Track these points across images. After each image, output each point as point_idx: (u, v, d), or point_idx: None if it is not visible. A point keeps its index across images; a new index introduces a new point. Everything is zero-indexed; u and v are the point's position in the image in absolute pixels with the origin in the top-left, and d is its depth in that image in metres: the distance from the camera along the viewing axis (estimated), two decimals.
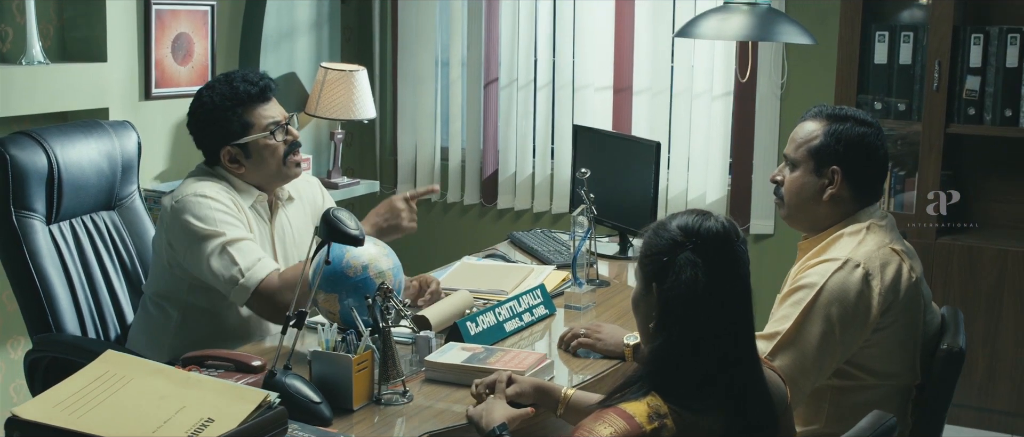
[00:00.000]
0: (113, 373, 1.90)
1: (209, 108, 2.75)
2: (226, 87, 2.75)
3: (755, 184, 4.75)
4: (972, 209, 4.30)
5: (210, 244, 2.63)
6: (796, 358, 2.26)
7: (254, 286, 2.61)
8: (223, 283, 2.63)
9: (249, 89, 2.74)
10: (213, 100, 2.75)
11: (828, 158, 2.40)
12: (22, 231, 2.84)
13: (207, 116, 2.76)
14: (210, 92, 2.77)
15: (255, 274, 2.61)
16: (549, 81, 5.05)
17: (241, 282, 2.60)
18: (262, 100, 2.76)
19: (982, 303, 4.02)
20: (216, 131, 2.76)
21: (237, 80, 2.75)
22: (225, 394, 1.86)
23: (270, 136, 2.76)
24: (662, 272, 1.82)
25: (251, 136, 2.75)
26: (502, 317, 2.71)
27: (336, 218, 2.21)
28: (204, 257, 2.63)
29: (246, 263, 2.62)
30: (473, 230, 5.32)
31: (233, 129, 2.74)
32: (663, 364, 1.79)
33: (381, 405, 2.24)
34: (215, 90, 2.76)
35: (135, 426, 1.76)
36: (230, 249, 2.63)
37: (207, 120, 2.76)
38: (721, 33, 3.02)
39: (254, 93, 2.75)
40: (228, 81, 2.76)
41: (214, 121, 2.75)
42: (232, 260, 2.62)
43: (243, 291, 2.61)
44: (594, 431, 1.73)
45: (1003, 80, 4.02)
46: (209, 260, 2.63)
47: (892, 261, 2.34)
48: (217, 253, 2.63)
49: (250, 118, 2.75)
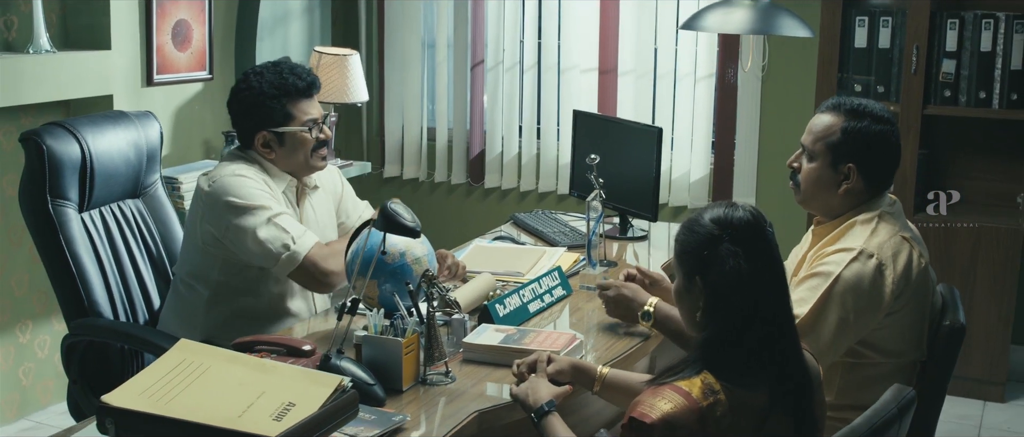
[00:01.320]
0: (190, 361, 2.01)
1: (256, 93, 2.86)
2: (275, 76, 2.86)
3: (737, 163, 4.92)
4: (945, 186, 4.50)
5: (257, 216, 2.74)
6: (812, 342, 2.40)
7: (305, 252, 2.73)
8: (273, 252, 2.73)
9: (297, 83, 2.86)
10: (260, 87, 2.86)
11: (845, 155, 2.51)
12: (58, 219, 2.92)
13: (252, 100, 2.86)
14: (259, 79, 2.87)
15: (305, 242, 2.74)
16: (535, 63, 5.18)
17: (294, 248, 2.73)
18: (306, 95, 2.88)
19: (956, 276, 4.23)
20: (257, 115, 2.87)
21: (286, 72, 2.86)
22: (301, 379, 1.98)
23: (306, 130, 2.87)
24: (704, 265, 1.96)
25: (289, 127, 2.86)
26: (526, 298, 2.84)
27: (393, 211, 2.33)
28: (250, 230, 2.74)
29: (296, 232, 2.75)
30: (461, 209, 5.45)
31: (274, 117, 2.85)
32: (715, 348, 1.94)
33: (427, 385, 2.37)
34: (264, 77, 2.87)
35: (221, 411, 1.87)
36: (277, 221, 2.75)
37: (251, 103, 2.87)
38: (724, 26, 3.18)
39: (301, 87, 2.86)
40: (277, 71, 2.87)
41: (258, 106, 2.86)
42: (283, 229, 2.74)
43: (293, 259, 2.73)
44: (655, 406, 1.87)
45: (977, 63, 4.21)
46: (256, 231, 2.73)
47: (903, 250, 2.48)
48: (264, 224, 2.74)
49: (292, 110, 2.86)
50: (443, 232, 5.14)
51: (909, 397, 2.13)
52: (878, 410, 2.06)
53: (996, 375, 4.30)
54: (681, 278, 2.04)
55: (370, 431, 2.07)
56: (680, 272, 2.04)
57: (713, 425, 1.88)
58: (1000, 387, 4.34)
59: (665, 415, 1.86)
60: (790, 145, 4.72)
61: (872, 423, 2.00)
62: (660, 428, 1.86)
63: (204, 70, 4.52)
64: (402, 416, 2.16)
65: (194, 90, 4.54)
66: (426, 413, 2.25)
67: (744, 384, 1.91)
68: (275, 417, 1.87)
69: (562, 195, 5.22)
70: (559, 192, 5.23)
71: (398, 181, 5.52)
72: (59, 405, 4.18)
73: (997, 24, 4.17)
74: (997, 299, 4.23)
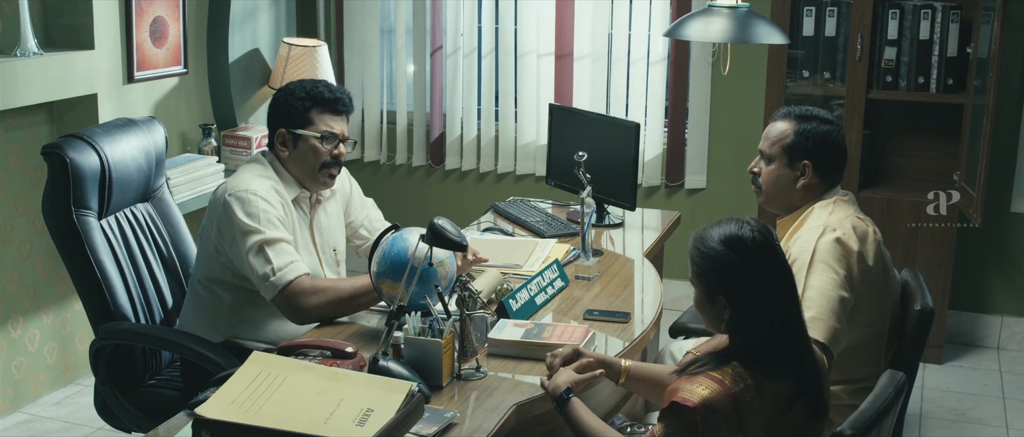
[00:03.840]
0: (267, 372, 2.18)
1: (287, 93, 3.07)
2: (310, 84, 3.08)
3: (689, 143, 5.19)
4: (886, 164, 4.84)
5: (250, 240, 2.90)
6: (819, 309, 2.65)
7: (282, 286, 2.89)
8: (256, 277, 2.90)
9: (324, 93, 3.04)
10: (294, 89, 3.07)
11: (799, 154, 2.89)
12: (82, 229, 3.04)
13: (283, 99, 3.08)
14: (297, 83, 3.09)
15: (285, 275, 2.89)
16: (493, 48, 5.36)
17: (271, 280, 2.88)
18: (331, 110, 3.04)
19: (900, 247, 4.56)
20: (282, 112, 3.07)
21: (321, 85, 3.07)
22: (374, 386, 2.18)
23: (319, 140, 3.03)
24: (725, 289, 2.21)
25: (305, 131, 3.02)
26: (532, 292, 3.06)
27: (441, 227, 2.53)
28: (244, 251, 2.90)
29: (279, 263, 2.89)
30: (421, 189, 5.63)
31: (295, 118, 3.04)
32: (742, 349, 2.19)
33: (461, 380, 2.58)
34: (302, 84, 3.08)
35: (307, 418, 2.05)
36: (267, 249, 2.90)
37: (281, 101, 3.08)
38: (705, 35, 3.41)
39: (328, 98, 3.04)
40: (314, 82, 3.09)
41: (285, 104, 3.06)
42: (267, 259, 2.89)
43: (272, 288, 2.89)
44: (694, 391, 2.12)
45: (916, 51, 4.53)
46: (247, 254, 2.90)
47: (859, 225, 2.83)
48: (255, 250, 2.90)
49: (313, 117, 3.04)
50: (404, 213, 5.33)
51: (901, 381, 2.42)
52: (879, 395, 2.35)
53: (935, 339, 4.65)
54: (702, 294, 2.26)
55: (428, 428, 2.27)
56: (700, 289, 2.26)
57: (744, 408, 2.13)
58: (938, 349, 4.70)
59: (704, 399, 2.11)
60: (740, 126, 5.07)
61: (876, 407, 2.29)
62: (701, 410, 2.11)
63: (179, 65, 4.62)
64: (453, 412, 2.36)
65: (170, 85, 4.63)
66: (469, 407, 2.46)
67: (768, 374, 2.16)
68: (358, 423, 2.06)
69: (521, 175, 5.43)
70: (517, 172, 5.44)
71: (359, 163, 5.67)
72: (50, 396, 4.29)
73: (934, 14, 4.48)
74: (935, 268, 4.58)
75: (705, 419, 2.11)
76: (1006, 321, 4.91)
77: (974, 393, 4.47)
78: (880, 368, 2.90)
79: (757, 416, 2.14)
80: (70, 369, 4.39)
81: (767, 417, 2.16)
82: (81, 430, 4.04)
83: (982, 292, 4.93)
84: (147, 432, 3.15)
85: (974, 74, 4.41)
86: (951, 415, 4.27)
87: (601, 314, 3.00)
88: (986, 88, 4.14)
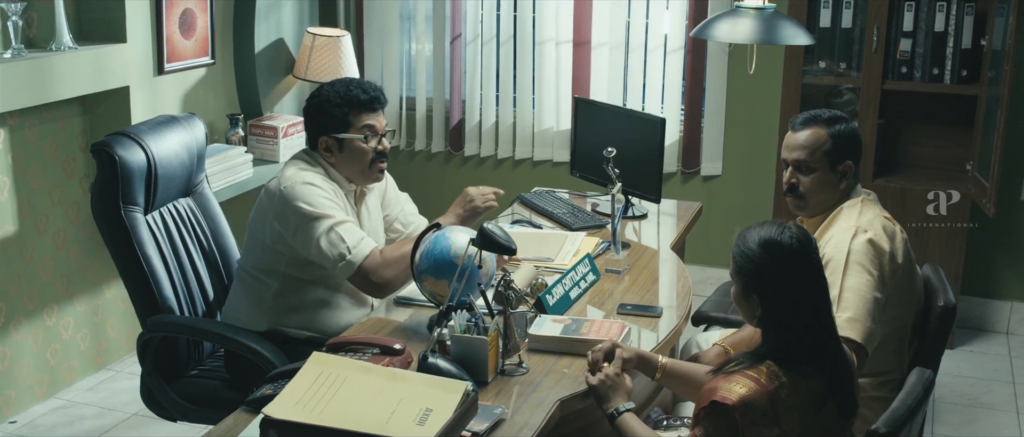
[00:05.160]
0: (328, 373, 2.28)
1: (323, 99, 3.13)
2: (342, 88, 3.13)
3: (705, 130, 5.28)
4: (900, 153, 4.94)
5: (320, 225, 3.00)
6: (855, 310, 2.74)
7: (359, 262, 3.00)
8: (331, 259, 3.00)
9: (359, 95, 3.11)
10: (328, 95, 3.13)
11: (840, 156, 2.95)
12: (130, 225, 3.13)
13: (319, 106, 3.14)
14: (329, 88, 3.14)
15: (360, 252, 3.01)
16: (511, 36, 5.44)
17: (348, 258, 2.99)
18: (368, 109, 3.12)
19: (912, 234, 4.62)
20: (321, 120, 3.13)
21: (354, 86, 3.13)
22: (432, 386, 2.27)
23: (363, 139, 3.12)
24: (760, 288, 2.32)
25: (347, 134, 3.11)
26: (567, 287, 3.16)
27: (491, 232, 2.63)
28: (314, 237, 3.00)
29: (352, 242, 3.01)
30: (440, 175, 5.72)
31: (335, 123, 3.11)
32: (775, 348, 2.29)
33: (505, 376, 2.68)
34: (333, 88, 3.14)
35: (369, 418, 2.15)
36: (338, 230, 3.01)
37: (318, 109, 3.14)
38: (732, 36, 3.50)
39: (363, 99, 3.11)
40: (346, 84, 3.14)
41: (322, 112, 3.12)
42: (340, 238, 3.00)
43: (349, 267, 3.00)
44: (732, 390, 2.23)
45: (931, 42, 4.61)
46: (318, 240, 3.00)
47: (888, 225, 2.91)
48: (325, 233, 3.00)
49: (352, 119, 3.11)
50: (423, 197, 5.40)
51: (930, 379, 2.53)
52: (909, 392, 2.46)
53: None
54: (739, 289, 2.37)
55: (480, 425, 2.37)
56: (738, 283, 2.37)
57: (780, 405, 2.24)
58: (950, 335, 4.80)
59: (742, 397, 2.22)
60: (756, 115, 5.14)
61: (908, 404, 2.40)
62: (739, 408, 2.21)
63: (207, 55, 4.69)
64: (501, 408, 2.46)
65: (198, 76, 4.71)
66: (515, 403, 2.56)
67: (802, 373, 2.26)
68: (418, 422, 2.16)
69: (538, 161, 5.52)
70: (535, 159, 5.53)
71: None
72: (84, 381, 4.40)
73: (949, 6, 4.56)
74: (947, 255, 4.68)
75: (744, 416, 2.22)
76: (1016, 306, 5.03)
77: (985, 378, 4.58)
78: (904, 361, 3.01)
79: (792, 412, 2.25)
80: (102, 355, 4.50)
81: (802, 414, 2.26)
82: (115, 415, 4.15)
83: (992, 278, 5.04)
84: (192, 420, 3.27)
85: (988, 66, 4.50)
86: (963, 399, 4.39)
87: (634, 308, 3.09)
88: (1000, 80, 4.23)
